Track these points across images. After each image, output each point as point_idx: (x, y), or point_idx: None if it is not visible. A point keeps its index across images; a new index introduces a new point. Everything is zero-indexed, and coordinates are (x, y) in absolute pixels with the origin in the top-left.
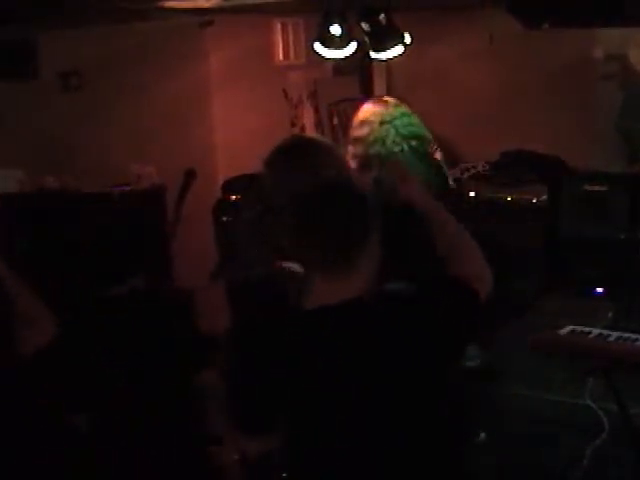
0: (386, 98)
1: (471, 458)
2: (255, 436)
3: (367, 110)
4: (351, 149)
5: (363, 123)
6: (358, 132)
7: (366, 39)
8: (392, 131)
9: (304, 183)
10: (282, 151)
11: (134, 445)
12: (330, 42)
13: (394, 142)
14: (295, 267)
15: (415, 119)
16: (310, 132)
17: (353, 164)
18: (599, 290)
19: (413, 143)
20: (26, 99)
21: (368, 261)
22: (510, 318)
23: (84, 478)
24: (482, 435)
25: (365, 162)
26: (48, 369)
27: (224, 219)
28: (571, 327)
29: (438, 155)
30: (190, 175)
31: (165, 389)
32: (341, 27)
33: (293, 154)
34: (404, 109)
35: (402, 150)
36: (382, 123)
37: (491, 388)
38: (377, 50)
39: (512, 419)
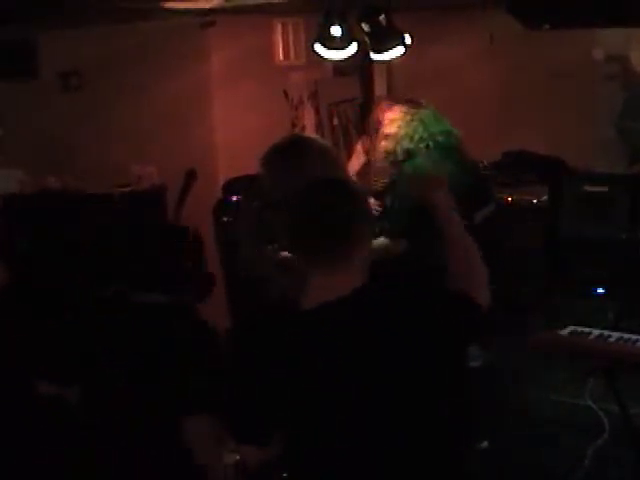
0: (417, 99)
1: (472, 459)
2: (254, 446)
3: (398, 109)
4: (383, 145)
5: (393, 121)
6: (389, 129)
7: (366, 40)
8: (420, 128)
9: (300, 182)
10: (278, 150)
11: (134, 445)
12: (330, 43)
13: (421, 138)
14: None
15: (443, 119)
16: (310, 133)
17: (384, 158)
18: (600, 290)
19: (440, 139)
20: (26, 99)
21: (362, 254)
22: (510, 318)
23: (84, 477)
24: (485, 443)
25: (395, 157)
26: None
27: (225, 219)
28: (571, 327)
29: None
30: (191, 176)
31: (165, 389)
32: (341, 28)
33: (289, 153)
34: (432, 109)
35: (428, 146)
36: (411, 121)
37: (492, 388)
38: (377, 51)
39: (513, 419)
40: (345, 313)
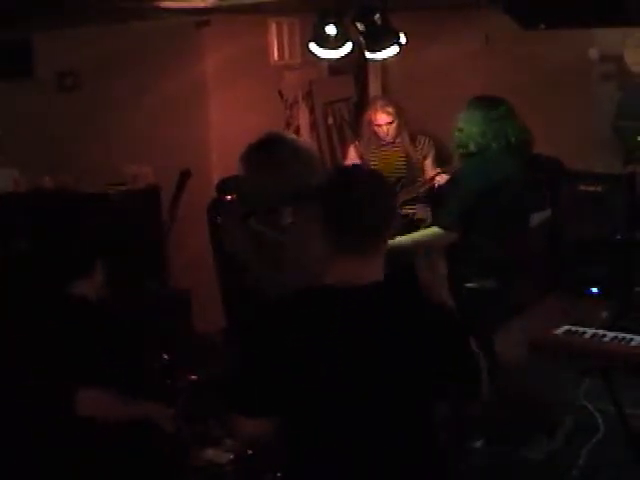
0: (491, 95)
1: (468, 459)
2: (251, 417)
3: (472, 103)
4: (457, 135)
5: (468, 116)
6: (462, 124)
7: (361, 39)
8: (495, 125)
9: (278, 180)
10: (254, 148)
11: (133, 444)
12: (325, 42)
13: (495, 135)
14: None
15: (518, 116)
16: (305, 132)
17: (456, 150)
18: (594, 290)
19: (512, 138)
20: (23, 99)
21: (379, 246)
22: (510, 318)
23: (84, 474)
24: (479, 442)
25: (467, 150)
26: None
27: (219, 219)
28: (566, 327)
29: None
30: (185, 175)
31: (163, 388)
32: (336, 27)
33: (264, 149)
34: (510, 105)
35: (499, 144)
36: (485, 117)
37: (491, 388)
38: (372, 50)
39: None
40: (367, 297)
